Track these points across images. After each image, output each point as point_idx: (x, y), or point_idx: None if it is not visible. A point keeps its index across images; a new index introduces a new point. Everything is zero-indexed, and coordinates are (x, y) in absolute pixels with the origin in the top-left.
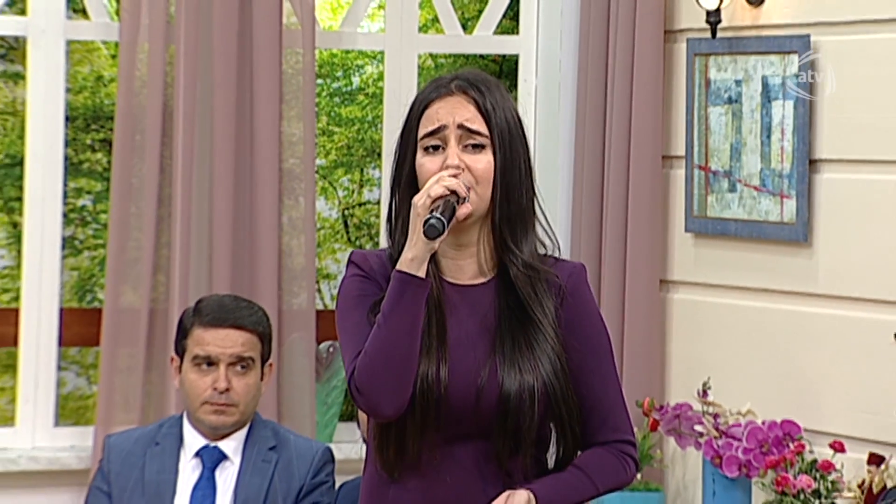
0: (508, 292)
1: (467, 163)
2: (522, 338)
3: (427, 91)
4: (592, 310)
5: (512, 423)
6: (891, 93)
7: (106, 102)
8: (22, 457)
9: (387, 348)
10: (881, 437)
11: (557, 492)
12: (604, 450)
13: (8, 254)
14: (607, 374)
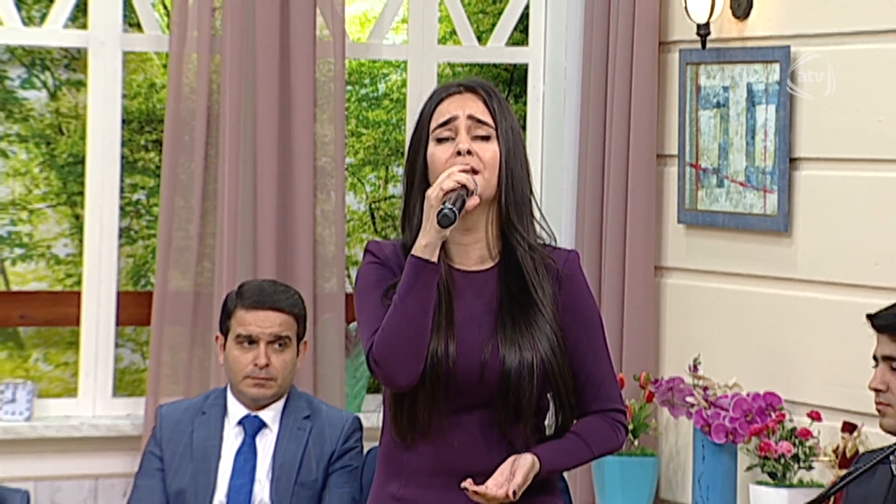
0: (510, 277)
1: (477, 149)
2: (523, 318)
3: (437, 93)
4: (586, 292)
5: (513, 395)
6: (863, 97)
7: (158, 107)
8: (84, 424)
9: (402, 326)
10: (854, 407)
11: (558, 456)
12: (598, 418)
13: (71, 242)
14: (600, 351)
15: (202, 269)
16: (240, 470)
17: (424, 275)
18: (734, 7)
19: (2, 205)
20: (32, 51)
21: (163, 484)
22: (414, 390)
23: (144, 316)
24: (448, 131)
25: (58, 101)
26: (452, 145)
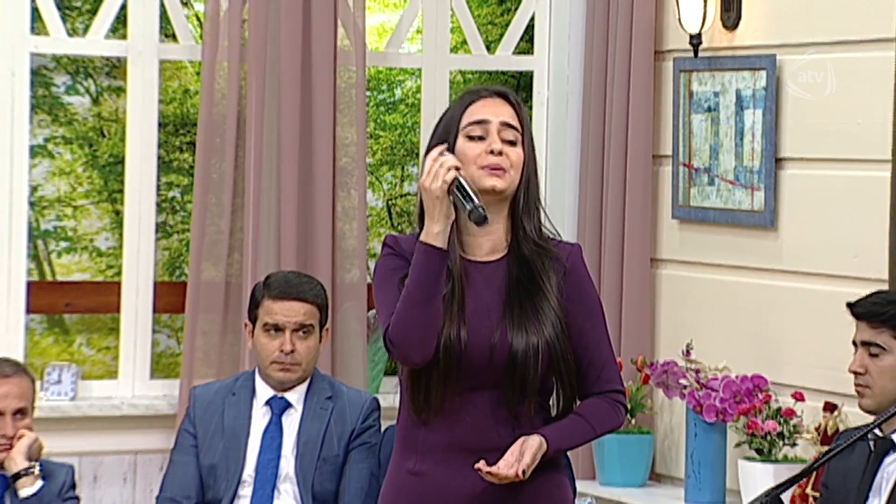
0: (518, 268)
1: (508, 151)
2: (529, 305)
3: (468, 95)
4: (588, 283)
5: (519, 376)
6: (842, 101)
7: (191, 112)
8: (124, 403)
9: (416, 309)
10: (835, 388)
11: (564, 435)
12: (599, 399)
13: (111, 236)
14: (601, 336)
15: (232, 261)
16: (267, 446)
17: (436, 260)
18: (724, 19)
19: (48, 202)
20: (76, 59)
21: (196, 459)
22: (428, 371)
23: (179, 304)
24: (480, 130)
25: (99, 106)
26: (483, 144)
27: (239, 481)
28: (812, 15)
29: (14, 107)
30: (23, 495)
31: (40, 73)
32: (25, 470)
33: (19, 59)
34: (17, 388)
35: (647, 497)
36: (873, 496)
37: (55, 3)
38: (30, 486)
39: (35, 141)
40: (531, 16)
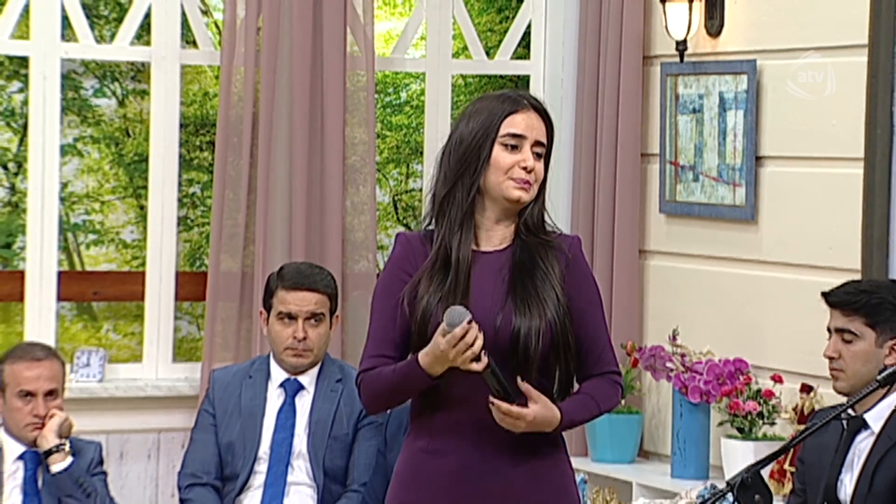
0: (522, 255)
1: (536, 166)
2: (532, 289)
3: (506, 103)
4: (588, 273)
5: (521, 355)
6: (817, 104)
7: (210, 113)
8: (148, 385)
9: (386, 396)
10: (811, 371)
11: (575, 409)
12: (600, 380)
13: (136, 229)
14: (600, 323)
15: (248, 253)
16: (281, 425)
17: (421, 381)
18: (708, 26)
19: (77, 197)
20: (103, 64)
21: (215, 437)
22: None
23: (200, 293)
24: (515, 142)
25: (125, 108)
26: (516, 157)
27: (255, 458)
28: (790, 23)
29: (45, 108)
30: (54, 470)
31: (70, 77)
32: (57, 447)
33: (50, 64)
34: (48, 371)
35: (636, 473)
36: (846, 471)
37: (84, 11)
38: (61, 461)
39: (65, 140)
40: (528, 23)
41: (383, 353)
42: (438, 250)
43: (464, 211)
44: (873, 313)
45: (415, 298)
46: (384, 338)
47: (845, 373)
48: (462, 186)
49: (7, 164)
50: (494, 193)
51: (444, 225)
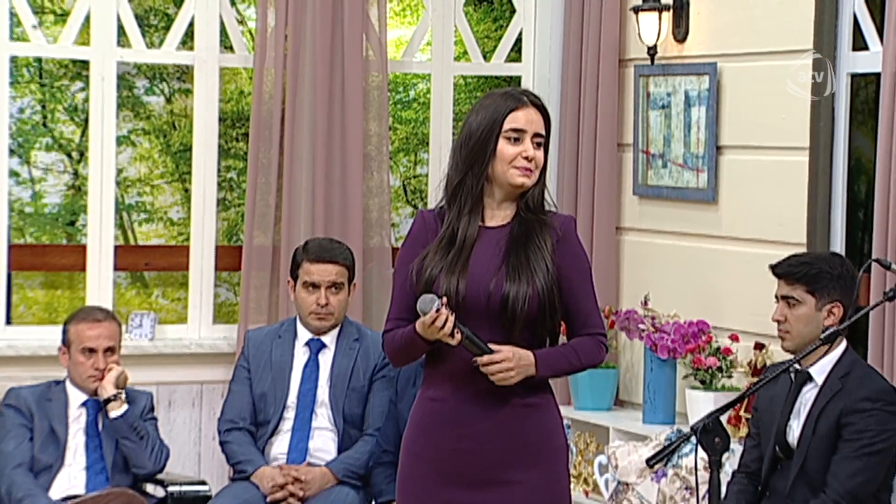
0: (519, 231)
1: (536, 155)
2: (525, 260)
3: (510, 100)
4: (579, 247)
5: (510, 315)
6: (770, 100)
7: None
8: (192, 343)
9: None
10: (763, 331)
11: (551, 356)
12: (586, 338)
13: (181, 209)
14: (588, 291)
15: (278, 229)
16: (307, 378)
17: (421, 346)
18: (675, 33)
19: (131, 181)
20: (153, 67)
21: (250, 389)
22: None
23: (236, 264)
24: (517, 135)
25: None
26: (518, 148)
27: (284, 406)
28: (746, 31)
29: (104, 105)
30: (112, 416)
31: (124, 77)
32: (114, 396)
33: (108, 66)
34: (107, 331)
35: (613, 419)
36: (794, 418)
37: (136, 21)
38: (118, 409)
39: (120, 132)
40: (519, 31)
41: (401, 317)
42: (447, 229)
43: (474, 196)
44: (813, 282)
45: (421, 269)
46: (402, 304)
47: (791, 333)
48: (472, 175)
49: (71, 153)
50: (501, 180)
51: (455, 207)
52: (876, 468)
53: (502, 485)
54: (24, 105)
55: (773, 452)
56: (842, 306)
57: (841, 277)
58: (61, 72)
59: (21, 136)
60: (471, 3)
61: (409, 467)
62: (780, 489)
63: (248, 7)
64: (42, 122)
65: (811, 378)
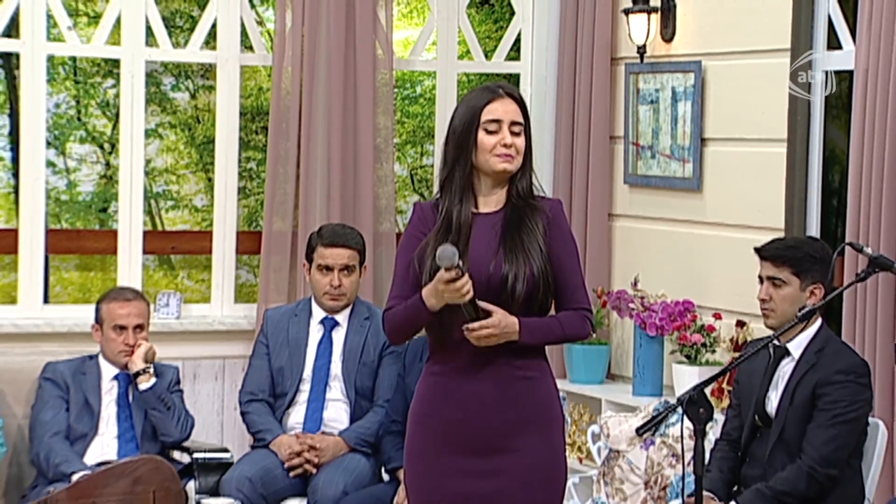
0: (513, 216)
1: (515, 142)
2: (519, 243)
3: (484, 94)
4: (566, 229)
5: (509, 294)
6: (750, 96)
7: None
8: (215, 321)
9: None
10: (744, 309)
11: (535, 324)
12: (571, 312)
13: (205, 197)
14: (575, 269)
15: (295, 216)
16: (321, 354)
17: (424, 315)
18: (663, 34)
19: (159, 171)
20: (179, 65)
21: (268, 363)
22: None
23: (256, 248)
24: (495, 126)
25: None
26: (497, 137)
27: (300, 379)
28: (729, 32)
29: (133, 101)
30: (141, 388)
31: (152, 75)
32: (143, 370)
33: (137, 65)
34: (136, 309)
35: (605, 391)
36: (772, 389)
37: (163, 22)
38: (146, 381)
39: (148, 126)
40: (518, 32)
41: (402, 296)
42: (443, 218)
43: (462, 186)
44: (798, 264)
45: (423, 255)
46: (402, 285)
47: (775, 312)
48: (459, 166)
49: (103, 145)
50: (485, 168)
51: (448, 197)
52: (848, 436)
53: (503, 452)
54: (60, 101)
55: (753, 421)
56: (823, 287)
57: (822, 260)
58: (94, 70)
59: (57, 130)
60: (473, 6)
61: (416, 436)
62: (759, 455)
63: (267, 9)
64: (76, 117)
65: (788, 353)
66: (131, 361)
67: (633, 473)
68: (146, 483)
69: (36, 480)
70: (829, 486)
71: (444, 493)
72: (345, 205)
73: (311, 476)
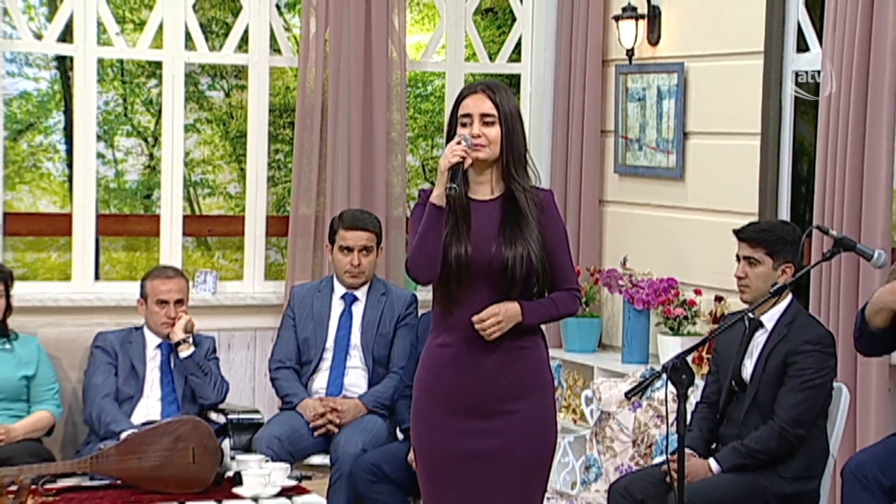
0: (510, 204)
1: (484, 132)
2: (517, 229)
3: (463, 91)
4: (557, 216)
5: (509, 276)
6: (728, 94)
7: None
8: (247, 297)
9: (422, 247)
10: (722, 286)
11: (535, 306)
12: (563, 292)
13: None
14: (565, 252)
15: (319, 202)
16: (342, 326)
17: (437, 215)
18: (649, 38)
19: (196, 162)
20: (214, 66)
21: (295, 334)
22: (448, 276)
23: (283, 231)
24: (467, 119)
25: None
26: (469, 128)
27: (323, 349)
28: (709, 36)
29: (174, 98)
30: (181, 356)
31: (191, 76)
32: (183, 339)
33: (177, 66)
34: (177, 286)
35: (597, 359)
36: (747, 358)
37: (200, 28)
38: (186, 350)
39: (187, 121)
40: (519, 36)
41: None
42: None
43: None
44: (772, 245)
45: None
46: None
47: (750, 288)
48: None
49: (147, 138)
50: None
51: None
52: (815, 399)
53: (500, 414)
54: (109, 99)
55: (729, 386)
56: (793, 266)
57: (793, 242)
58: (139, 71)
59: (106, 125)
60: (479, 13)
61: (422, 401)
62: (735, 417)
63: (294, 16)
64: (123, 113)
65: (762, 325)
66: (172, 332)
67: (623, 433)
68: (186, 440)
69: (88, 438)
70: (797, 444)
71: (448, 452)
72: (363, 192)
73: (333, 435)
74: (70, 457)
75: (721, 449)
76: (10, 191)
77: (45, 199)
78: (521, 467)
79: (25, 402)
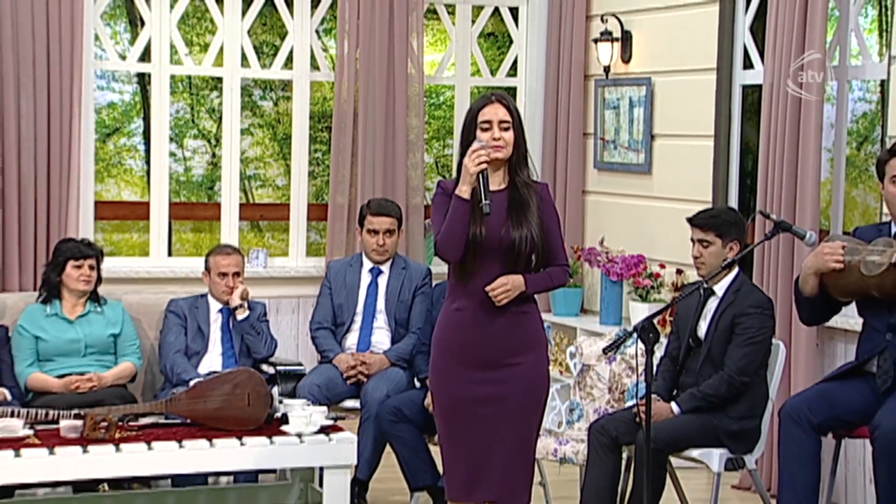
0: (516, 194)
1: (503, 135)
2: (522, 215)
3: (481, 101)
4: (552, 204)
5: (517, 253)
6: (687, 103)
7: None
8: (292, 270)
9: (450, 232)
10: (682, 261)
11: (535, 278)
12: (556, 267)
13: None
14: (557, 234)
15: (352, 192)
16: (370, 294)
17: (462, 207)
18: (623, 57)
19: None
20: (265, 80)
21: (331, 301)
22: (464, 255)
23: (323, 216)
24: (487, 125)
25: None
26: (489, 132)
27: (354, 313)
28: (671, 55)
29: (232, 107)
30: (238, 319)
31: (245, 88)
32: (240, 305)
33: (235, 81)
34: (234, 261)
35: (579, 322)
36: (702, 319)
37: (254, 50)
38: (242, 314)
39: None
40: (515, 55)
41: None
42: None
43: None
44: (720, 228)
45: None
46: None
47: (705, 265)
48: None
49: (210, 140)
50: None
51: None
52: (757, 353)
53: (505, 366)
54: (179, 108)
55: (688, 343)
56: (739, 244)
57: (737, 224)
58: (203, 84)
59: (177, 129)
60: (482, 36)
61: (440, 356)
62: (692, 368)
63: (330, 40)
64: (191, 119)
65: (714, 293)
66: (231, 299)
67: (600, 382)
68: (243, 387)
69: (163, 385)
70: (743, 390)
71: (461, 397)
72: (386, 184)
73: (362, 384)
74: (149, 400)
75: (681, 394)
76: (99, 183)
77: (128, 190)
78: (521, 409)
79: (113, 355)
